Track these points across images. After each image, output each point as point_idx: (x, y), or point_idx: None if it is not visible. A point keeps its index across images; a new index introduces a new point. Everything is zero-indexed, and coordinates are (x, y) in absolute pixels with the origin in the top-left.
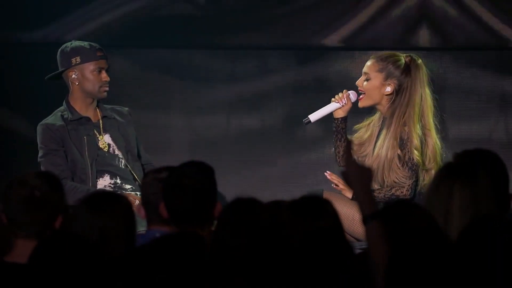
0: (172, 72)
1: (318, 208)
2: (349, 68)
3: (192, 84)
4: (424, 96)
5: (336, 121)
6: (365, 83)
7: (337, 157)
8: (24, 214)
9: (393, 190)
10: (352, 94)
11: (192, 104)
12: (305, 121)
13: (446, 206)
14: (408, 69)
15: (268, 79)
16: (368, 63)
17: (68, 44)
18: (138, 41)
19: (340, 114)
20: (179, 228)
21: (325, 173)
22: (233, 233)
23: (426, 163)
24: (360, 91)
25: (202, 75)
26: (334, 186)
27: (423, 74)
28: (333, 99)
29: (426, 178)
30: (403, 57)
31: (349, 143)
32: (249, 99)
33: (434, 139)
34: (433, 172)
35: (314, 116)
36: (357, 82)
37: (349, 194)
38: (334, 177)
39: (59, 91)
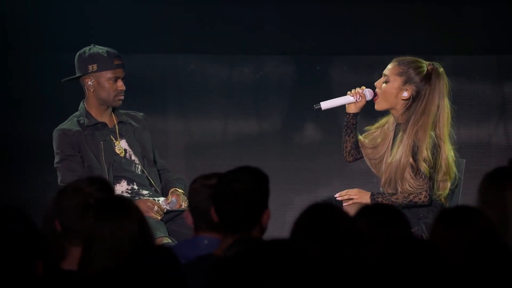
0: (169, 77)
1: (394, 216)
2: (347, 73)
3: (189, 89)
4: (442, 106)
5: (347, 116)
6: (383, 85)
7: (344, 152)
8: (79, 221)
9: (411, 197)
10: (368, 92)
11: (189, 109)
12: (316, 107)
13: (502, 211)
14: (428, 77)
15: (265, 84)
16: (390, 65)
17: (87, 49)
18: (136, 46)
19: (352, 110)
20: (226, 233)
21: (335, 196)
22: (310, 240)
23: (440, 175)
24: (376, 92)
25: (198, 80)
26: (348, 203)
27: (443, 84)
28: (348, 92)
29: (440, 188)
30: (425, 64)
31: None
32: (246, 104)
33: (447, 151)
34: (448, 184)
35: (326, 104)
36: (376, 83)
37: (366, 200)
38: (343, 193)
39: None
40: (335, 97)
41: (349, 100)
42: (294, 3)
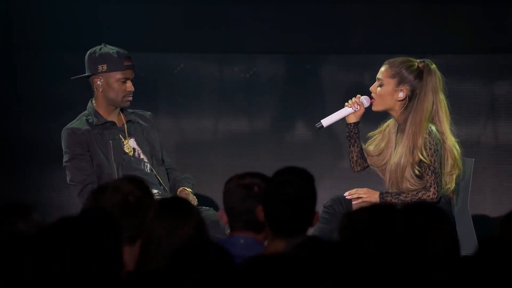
0: (160, 76)
1: (437, 215)
2: (338, 72)
3: (180, 88)
4: (437, 101)
5: (349, 126)
6: (378, 88)
7: (351, 163)
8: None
9: (419, 195)
10: (365, 99)
11: (180, 108)
12: (318, 126)
13: None
14: (421, 74)
15: (256, 83)
16: (382, 68)
17: (97, 48)
18: (128, 45)
19: (352, 119)
20: (275, 235)
21: (344, 195)
22: (370, 241)
23: (448, 168)
24: (372, 96)
25: (190, 79)
26: (357, 202)
27: (436, 80)
28: (346, 103)
29: (448, 182)
30: (416, 62)
31: None
32: (237, 103)
33: (451, 144)
34: (454, 177)
35: (326, 121)
36: (371, 88)
37: (375, 199)
38: (353, 192)
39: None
40: (324, 94)
41: (348, 112)
42: (285, 3)
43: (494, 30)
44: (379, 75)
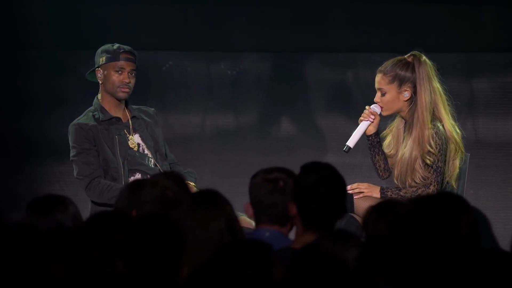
0: (149, 72)
1: (461, 204)
2: (324, 69)
3: (168, 84)
4: (433, 90)
5: (370, 138)
6: (382, 97)
7: (379, 171)
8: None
9: (419, 191)
10: (376, 107)
11: (168, 104)
12: (345, 150)
13: None
14: (413, 67)
15: (243, 80)
16: (377, 78)
17: (104, 45)
18: (116, 42)
19: (371, 131)
20: (306, 229)
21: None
22: (404, 234)
23: (452, 154)
24: (380, 106)
25: (178, 76)
26: (359, 196)
27: (428, 69)
28: (361, 118)
29: (451, 170)
30: (405, 58)
31: None
32: (224, 100)
33: (451, 129)
34: (457, 162)
35: (351, 142)
36: (375, 99)
37: (376, 194)
38: (354, 186)
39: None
40: (308, 91)
41: (367, 125)
42: (272, 2)
43: (471, 28)
44: (377, 86)
